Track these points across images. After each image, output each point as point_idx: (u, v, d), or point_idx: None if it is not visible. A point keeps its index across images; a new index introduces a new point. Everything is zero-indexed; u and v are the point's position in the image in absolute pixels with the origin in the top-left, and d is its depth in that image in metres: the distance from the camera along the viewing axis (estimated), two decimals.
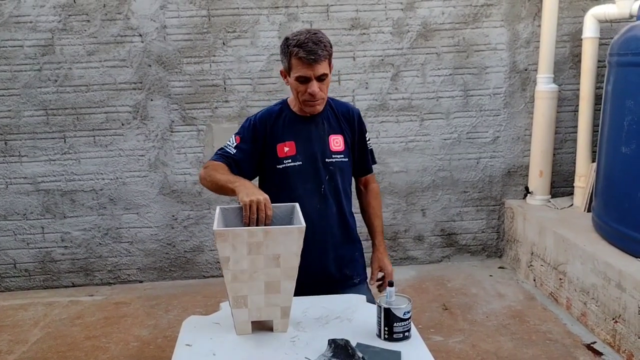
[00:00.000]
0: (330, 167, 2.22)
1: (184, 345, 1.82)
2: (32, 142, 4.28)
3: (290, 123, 2.22)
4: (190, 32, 4.24)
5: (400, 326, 1.77)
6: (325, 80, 2.12)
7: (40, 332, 3.73)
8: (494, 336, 3.47)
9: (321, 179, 2.21)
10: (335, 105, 2.30)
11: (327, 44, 2.08)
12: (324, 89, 2.13)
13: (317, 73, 2.06)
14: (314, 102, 2.13)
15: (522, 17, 4.41)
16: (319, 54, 2.03)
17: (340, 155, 2.24)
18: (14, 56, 4.17)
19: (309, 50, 2.02)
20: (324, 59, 2.05)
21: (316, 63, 2.04)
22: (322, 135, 2.22)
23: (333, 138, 2.23)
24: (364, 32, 4.35)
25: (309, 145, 2.20)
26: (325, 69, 2.08)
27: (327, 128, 2.24)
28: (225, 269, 1.79)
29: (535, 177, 4.48)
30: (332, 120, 2.26)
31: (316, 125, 2.22)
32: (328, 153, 2.22)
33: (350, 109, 2.33)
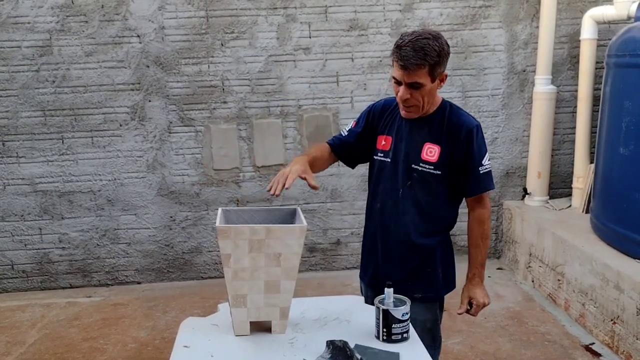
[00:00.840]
0: (414, 174, 2.07)
1: (181, 347, 1.81)
2: (29, 143, 4.27)
3: (396, 118, 2.15)
4: (189, 33, 4.24)
5: (398, 327, 1.77)
6: (423, 89, 1.96)
7: (38, 333, 3.71)
8: (493, 337, 3.47)
9: (401, 183, 2.10)
10: (450, 115, 2.08)
11: (431, 52, 1.91)
12: (418, 97, 1.98)
13: (408, 80, 1.94)
14: (405, 106, 2.02)
15: (520, 19, 4.42)
16: (412, 62, 1.90)
17: (430, 166, 2.05)
18: (12, 57, 4.16)
19: (403, 56, 1.91)
20: (419, 67, 1.91)
21: (407, 70, 1.92)
22: (417, 140, 2.08)
23: (428, 146, 2.06)
24: (362, 33, 4.35)
25: (402, 146, 2.10)
26: (421, 78, 1.93)
27: (425, 134, 2.08)
28: (226, 266, 1.79)
29: (533, 178, 4.48)
30: (436, 128, 2.07)
31: (417, 129, 2.09)
32: (417, 159, 2.07)
33: (462, 123, 2.06)
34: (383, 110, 2.21)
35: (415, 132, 2.08)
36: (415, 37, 1.92)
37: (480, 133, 2.07)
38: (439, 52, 1.93)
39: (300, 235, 1.78)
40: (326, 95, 4.41)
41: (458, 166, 2.06)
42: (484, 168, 2.07)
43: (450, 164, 2.06)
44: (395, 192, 2.11)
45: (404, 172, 2.09)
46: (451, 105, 2.11)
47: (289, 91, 4.37)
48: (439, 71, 1.97)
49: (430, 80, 1.96)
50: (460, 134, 2.03)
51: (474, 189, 2.10)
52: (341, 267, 4.65)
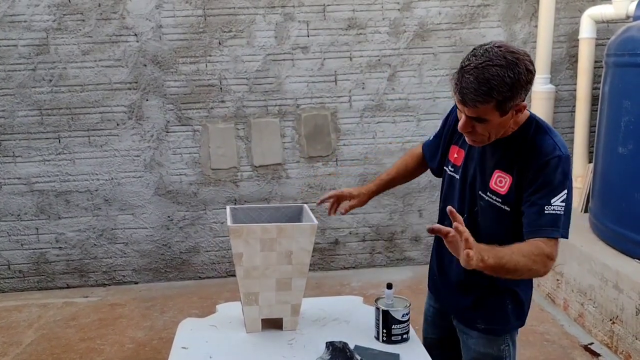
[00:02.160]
0: (481, 202, 1.77)
1: (180, 348, 1.80)
2: (26, 143, 4.25)
3: None
4: (186, 32, 4.22)
5: (398, 328, 1.76)
6: (489, 124, 1.63)
7: (35, 333, 3.69)
8: None
9: (465, 206, 1.81)
10: (531, 137, 1.70)
11: (499, 87, 1.53)
12: (482, 130, 1.65)
13: (469, 114, 1.63)
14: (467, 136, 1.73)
15: (519, 18, 4.41)
16: (471, 97, 1.56)
17: (498, 199, 1.72)
18: (8, 55, 4.13)
19: (462, 88, 1.57)
20: (477, 105, 1.57)
21: (465, 105, 1.60)
22: (488, 164, 1.75)
23: (498, 175, 1.72)
24: (360, 32, 4.33)
25: (472, 166, 1.80)
26: (486, 114, 1.60)
27: (498, 158, 1.73)
28: (238, 265, 1.80)
29: None
30: (511, 152, 1.70)
31: (491, 150, 1.75)
32: (484, 187, 1.75)
33: (544, 150, 1.65)
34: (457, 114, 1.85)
35: (489, 154, 1.75)
36: (484, 63, 1.54)
37: (561, 166, 1.63)
38: (511, 85, 1.54)
39: (311, 233, 1.80)
40: (324, 94, 4.39)
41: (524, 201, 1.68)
42: (552, 209, 1.62)
43: (520, 197, 1.69)
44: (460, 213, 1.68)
45: (470, 196, 1.80)
46: (538, 126, 1.71)
47: (287, 90, 4.36)
48: (510, 104, 1.59)
49: (499, 115, 1.60)
50: (534, 160, 1.65)
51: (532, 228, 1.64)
52: (339, 267, 4.64)
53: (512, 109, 1.61)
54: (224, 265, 4.54)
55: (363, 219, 4.58)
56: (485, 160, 1.76)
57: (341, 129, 4.45)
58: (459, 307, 1.89)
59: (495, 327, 1.86)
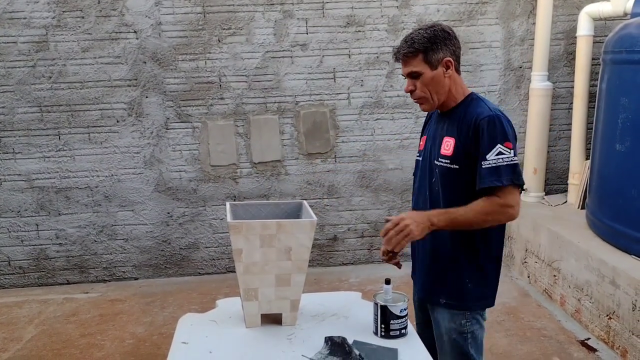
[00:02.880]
0: (436, 170, 1.99)
1: (180, 343, 1.82)
2: (26, 139, 4.26)
3: (432, 120, 2.16)
4: (186, 29, 4.23)
5: (397, 323, 1.78)
6: (422, 79, 1.91)
7: (35, 329, 3.71)
8: (489, 332, 3.45)
9: (427, 181, 2.04)
10: (471, 105, 1.96)
11: (420, 39, 1.88)
12: (421, 87, 1.93)
13: (405, 71, 1.95)
14: (414, 100, 2.01)
15: (517, 15, 4.42)
16: (402, 52, 1.92)
17: (446, 160, 1.94)
18: (8, 52, 4.14)
19: (397, 50, 1.95)
20: (409, 56, 1.90)
21: (401, 61, 1.95)
22: (438, 136, 2.03)
23: (446, 140, 1.97)
24: (359, 30, 4.35)
25: (428, 144, 2.09)
26: (415, 66, 1.91)
27: (445, 129, 2.00)
28: (237, 261, 1.81)
29: (529, 175, 4.50)
30: (454, 121, 1.97)
31: (440, 124, 2.05)
32: (437, 155, 1.99)
33: (476, 113, 1.90)
34: (429, 114, 2.19)
35: (439, 127, 2.03)
36: (412, 32, 1.96)
37: (495, 123, 1.84)
38: (429, 38, 1.89)
39: (311, 229, 1.81)
40: (323, 91, 4.41)
41: (473, 159, 1.88)
42: (489, 163, 1.83)
43: (467, 157, 1.90)
44: (423, 191, 2.06)
45: (429, 169, 2.03)
46: (477, 98, 1.98)
47: (285, 87, 4.37)
48: (436, 57, 1.89)
49: (429, 68, 1.90)
50: (471, 124, 1.89)
51: (478, 181, 1.86)
52: (338, 262, 4.66)
53: (440, 64, 1.91)
54: (223, 262, 4.56)
55: (361, 215, 4.61)
56: (437, 135, 2.04)
57: (340, 126, 4.47)
58: (426, 284, 2.09)
59: (455, 302, 2.00)
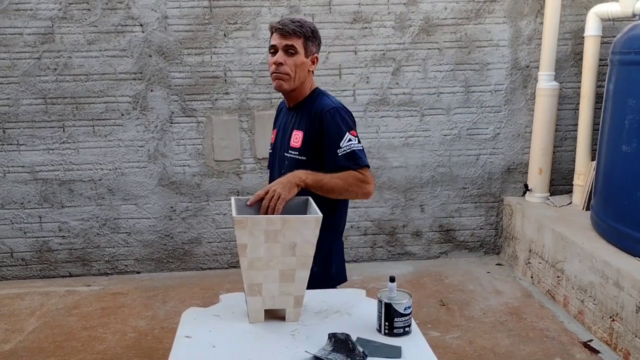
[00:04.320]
0: (285, 162, 2.19)
1: (183, 337, 1.81)
2: (30, 131, 4.26)
3: (281, 113, 2.34)
4: (192, 23, 4.22)
5: (400, 321, 1.76)
6: (295, 58, 2.10)
7: (37, 321, 3.72)
8: (491, 332, 3.48)
9: (278, 172, 2.20)
10: (316, 99, 2.18)
11: (307, 26, 2.12)
12: (291, 64, 2.10)
13: (282, 43, 2.09)
14: (277, 73, 2.10)
15: (525, 14, 4.40)
16: (291, 27, 2.08)
17: (295, 152, 2.15)
18: (14, 44, 4.14)
19: (282, 23, 2.10)
20: (294, 34, 2.09)
21: (285, 34, 2.08)
22: (288, 128, 2.22)
23: (295, 133, 2.18)
24: (365, 26, 4.33)
25: (279, 137, 2.27)
26: (296, 43, 2.09)
27: (293, 122, 2.20)
28: (242, 256, 1.80)
29: (534, 175, 4.48)
30: (304, 115, 2.18)
31: (289, 117, 2.24)
32: (287, 147, 2.19)
33: (320, 107, 2.13)
34: (279, 108, 2.39)
35: (289, 121, 2.22)
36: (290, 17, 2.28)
37: (338, 114, 2.08)
38: (313, 30, 2.12)
39: (316, 226, 1.80)
40: (328, 87, 4.39)
41: (321, 151, 2.10)
42: (343, 150, 2.05)
43: (315, 148, 2.11)
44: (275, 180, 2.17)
45: (279, 161, 2.22)
46: (321, 93, 2.20)
47: None
48: (310, 49, 2.12)
49: (304, 54, 2.11)
50: (317, 118, 2.10)
51: (334, 168, 2.06)
52: None
53: (310, 56, 2.13)
54: (225, 257, 4.56)
55: (365, 212, 4.60)
56: (287, 128, 2.21)
57: None
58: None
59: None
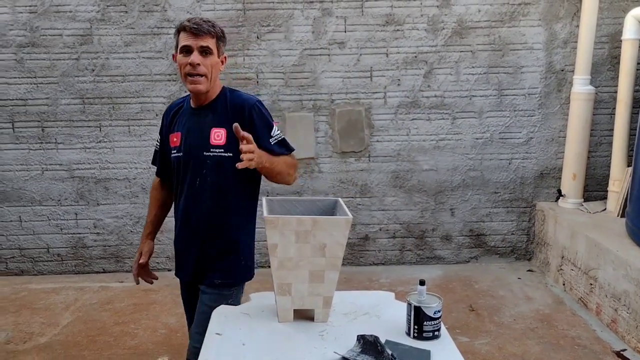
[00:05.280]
0: (207, 161, 2.14)
1: (214, 334, 1.84)
2: (68, 130, 4.38)
3: (183, 115, 2.25)
4: (225, 26, 4.25)
5: (430, 325, 1.76)
6: (210, 58, 2.09)
7: (71, 315, 3.81)
8: (521, 339, 3.43)
9: (197, 173, 2.17)
10: (230, 97, 2.19)
11: (217, 27, 2.12)
12: (207, 65, 2.08)
13: (199, 43, 2.07)
14: (194, 76, 2.08)
15: (561, 17, 4.33)
16: (204, 27, 2.07)
17: (220, 150, 2.14)
18: (54, 45, 4.26)
19: (194, 22, 2.08)
20: (208, 34, 2.08)
21: (200, 34, 2.06)
22: (204, 128, 2.16)
23: (215, 131, 2.14)
24: (398, 29, 4.32)
25: (191, 138, 2.18)
26: (209, 43, 2.08)
27: (210, 120, 2.16)
28: (272, 256, 1.83)
29: (568, 180, 4.41)
30: (220, 112, 2.16)
31: (201, 117, 2.18)
32: (206, 146, 2.14)
33: (244, 100, 2.17)
34: (170, 110, 2.31)
35: (201, 121, 2.17)
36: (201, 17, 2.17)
37: (262, 108, 2.17)
38: (222, 32, 2.15)
39: (346, 227, 1.81)
40: (359, 90, 4.40)
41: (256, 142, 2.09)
42: (275, 139, 2.16)
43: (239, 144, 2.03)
44: (193, 184, 2.18)
45: (197, 161, 2.16)
46: (231, 90, 2.22)
47: (322, 85, 4.38)
48: (221, 49, 2.15)
49: (217, 54, 2.12)
50: (244, 112, 2.13)
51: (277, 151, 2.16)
52: (369, 262, 4.65)
53: (221, 55, 2.15)
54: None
55: (394, 215, 4.59)
56: (200, 127, 2.16)
57: (375, 125, 4.45)
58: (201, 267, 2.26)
59: (229, 281, 2.26)
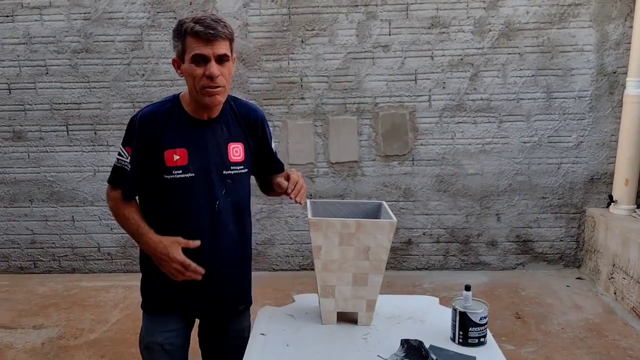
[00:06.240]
0: (228, 180, 1.90)
1: (258, 334, 1.87)
2: (119, 133, 4.51)
3: (182, 126, 1.86)
4: (271, 30, 4.33)
5: (475, 331, 1.74)
6: (227, 65, 1.80)
7: (120, 313, 3.92)
8: (570, 349, 3.33)
9: (216, 195, 1.88)
10: (236, 106, 1.97)
11: (228, 25, 1.80)
12: (226, 75, 1.80)
13: (216, 52, 1.75)
14: (214, 88, 1.78)
15: (613, 18, 4.20)
16: (219, 30, 1.75)
17: (240, 167, 1.93)
18: (106, 50, 4.40)
19: (207, 25, 1.73)
20: (224, 37, 1.76)
21: (215, 39, 1.74)
22: (220, 143, 1.89)
23: (233, 146, 1.91)
24: (443, 31, 4.28)
25: (205, 155, 1.86)
26: (227, 49, 1.78)
27: (226, 135, 1.91)
28: (316, 257, 1.85)
29: (620, 186, 4.26)
30: (233, 124, 1.93)
31: (214, 131, 1.89)
32: (227, 164, 1.90)
33: (252, 111, 2.00)
34: (154, 120, 1.85)
35: (213, 135, 1.88)
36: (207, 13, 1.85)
37: (265, 116, 2.07)
38: (232, 30, 1.84)
39: (390, 230, 1.81)
40: (403, 93, 4.38)
41: (263, 155, 2.04)
42: (276, 152, 2.11)
43: (252, 157, 2.00)
44: (211, 207, 1.88)
45: (217, 182, 1.88)
46: (233, 96, 1.99)
47: (365, 88, 4.38)
48: (233, 51, 1.84)
49: (232, 57, 1.84)
50: (257, 123, 2.00)
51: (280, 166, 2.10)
52: (412, 267, 4.61)
53: (234, 59, 1.85)
54: (297, 259, 4.63)
55: (438, 220, 4.53)
56: (216, 143, 1.89)
57: (419, 129, 4.42)
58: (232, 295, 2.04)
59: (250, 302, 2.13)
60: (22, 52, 4.44)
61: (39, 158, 4.58)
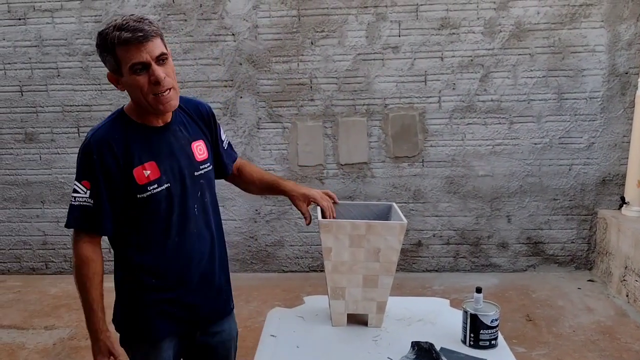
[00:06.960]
0: (201, 181, 1.82)
1: (269, 336, 1.87)
2: None
3: (142, 139, 1.72)
4: (280, 32, 4.34)
5: (487, 334, 1.73)
6: (168, 64, 1.67)
7: None
8: (581, 351, 3.31)
9: (193, 200, 1.80)
10: (184, 104, 1.87)
11: (153, 21, 1.67)
12: (170, 73, 1.67)
13: (153, 54, 1.62)
14: (164, 92, 1.65)
15: (625, 18, 4.17)
16: (147, 29, 1.60)
17: (207, 164, 1.85)
18: None
19: (133, 29, 1.59)
20: (154, 35, 1.63)
21: (147, 41, 1.60)
22: (184, 145, 1.79)
23: (196, 145, 1.83)
24: (453, 32, 4.27)
25: (174, 161, 1.76)
26: (161, 47, 1.65)
27: (186, 135, 1.81)
28: (326, 259, 1.85)
29: (632, 187, 4.22)
30: (188, 123, 1.84)
31: (174, 135, 1.78)
32: (196, 165, 1.81)
33: (201, 104, 1.93)
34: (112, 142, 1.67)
35: (175, 138, 1.78)
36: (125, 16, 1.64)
37: None
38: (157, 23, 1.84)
39: (400, 232, 1.81)
40: (413, 94, 4.37)
41: (217, 148, 1.97)
42: (225, 141, 2.04)
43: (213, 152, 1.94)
44: (189, 212, 1.79)
45: (191, 185, 1.79)
46: None
47: (375, 90, 4.38)
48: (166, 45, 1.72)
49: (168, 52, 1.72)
50: (209, 118, 1.93)
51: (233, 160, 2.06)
52: (421, 269, 4.60)
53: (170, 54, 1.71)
54: (306, 260, 4.63)
55: (448, 221, 4.52)
56: (182, 147, 1.78)
57: (429, 130, 4.41)
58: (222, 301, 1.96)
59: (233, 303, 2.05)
60: (34, 55, 4.48)
61: (50, 160, 4.62)
